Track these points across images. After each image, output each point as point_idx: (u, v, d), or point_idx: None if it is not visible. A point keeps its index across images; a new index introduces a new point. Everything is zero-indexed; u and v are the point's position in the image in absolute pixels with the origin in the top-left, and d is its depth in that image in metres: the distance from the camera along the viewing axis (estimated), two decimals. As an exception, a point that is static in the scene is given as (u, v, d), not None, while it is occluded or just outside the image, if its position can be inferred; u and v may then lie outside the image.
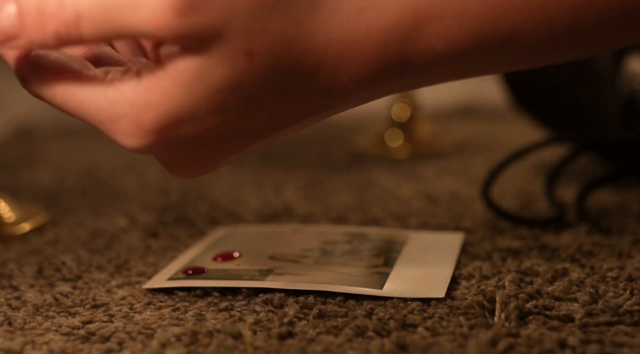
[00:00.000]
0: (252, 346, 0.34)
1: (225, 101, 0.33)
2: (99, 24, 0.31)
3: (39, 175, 0.73)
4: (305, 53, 0.32)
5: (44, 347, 0.35)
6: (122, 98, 0.33)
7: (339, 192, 0.62)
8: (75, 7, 0.31)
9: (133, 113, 0.33)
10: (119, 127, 0.33)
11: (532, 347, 0.33)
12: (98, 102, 0.34)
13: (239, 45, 0.32)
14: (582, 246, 0.46)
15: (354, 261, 0.44)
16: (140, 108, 0.33)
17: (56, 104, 0.36)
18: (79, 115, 0.35)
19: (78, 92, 0.34)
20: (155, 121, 0.33)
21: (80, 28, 0.32)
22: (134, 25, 0.31)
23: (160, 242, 0.50)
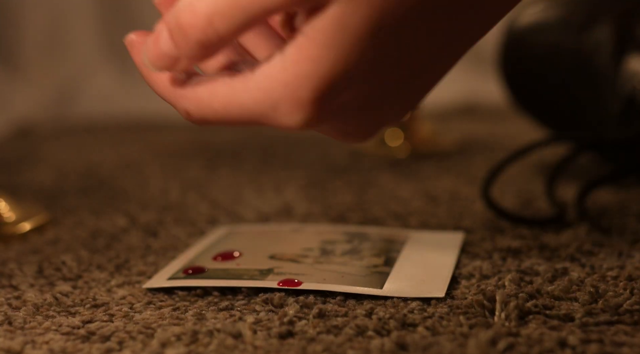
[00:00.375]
0: (252, 346, 0.34)
1: (373, 46, 0.32)
2: (231, 16, 0.32)
3: (39, 175, 0.73)
4: None
5: (44, 346, 0.35)
6: (274, 82, 0.33)
7: (339, 192, 0.62)
8: (205, 8, 0.32)
9: (289, 91, 0.33)
10: (280, 111, 0.33)
11: (532, 346, 0.33)
12: (254, 97, 0.34)
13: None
14: (582, 246, 0.46)
15: (354, 260, 0.44)
16: (293, 83, 0.33)
17: (220, 119, 0.35)
18: (242, 118, 0.35)
19: (234, 97, 0.34)
20: (311, 91, 0.33)
21: (215, 27, 0.32)
22: (261, 3, 0.31)
23: (160, 242, 0.50)
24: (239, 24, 0.32)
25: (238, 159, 0.77)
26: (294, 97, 0.33)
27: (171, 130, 0.97)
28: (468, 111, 0.99)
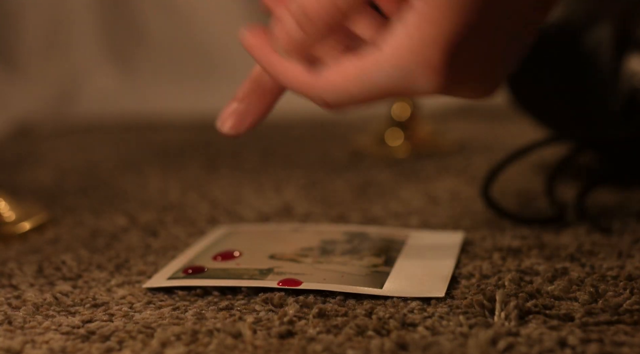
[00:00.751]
0: (252, 345, 0.34)
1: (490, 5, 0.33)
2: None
3: (39, 174, 0.73)
4: None
5: (44, 346, 0.35)
6: (402, 51, 0.34)
7: (339, 192, 0.62)
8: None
9: (418, 57, 0.34)
10: (414, 79, 0.34)
11: (532, 346, 0.33)
12: (386, 70, 0.35)
13: None
14: (582, 245, 0.46)
15: (354, 260, 0.44)
16: (421, 48, 0.34)
17: (357, 100, 0.37)
18: (378, 94, 0.36)
19: (367, 76, 0.35)
20: (439, 52, 0.34)
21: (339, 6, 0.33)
22: None
23: (160, 242, 0.50)
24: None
25: (238, 158, 0.77)
26: (424, 62, 0.34)
27: (171, 130, 0.97)
28: (468, 111, 0.99)
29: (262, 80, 0.43)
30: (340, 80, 0.36)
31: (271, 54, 0.39)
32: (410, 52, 0.34)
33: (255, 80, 0.43)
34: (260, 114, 0.43)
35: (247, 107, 0.42)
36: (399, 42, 0.34)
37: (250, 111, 0.43)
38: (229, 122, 0.42)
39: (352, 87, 0.36)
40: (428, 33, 0.34)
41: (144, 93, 1.13)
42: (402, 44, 0.34)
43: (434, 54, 0.34)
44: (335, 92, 0.37)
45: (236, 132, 0.42)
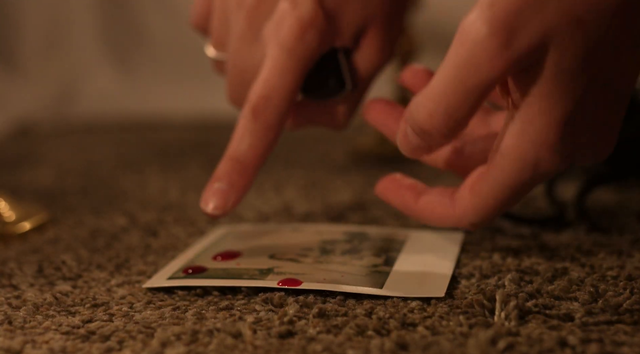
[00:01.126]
0: (252, 345, 0.34)
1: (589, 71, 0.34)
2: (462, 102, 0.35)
3: (39, 174, 0.73)
4: None
5: (44, 346, 0.35)
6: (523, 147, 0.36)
7: (339, 192, 0.62)
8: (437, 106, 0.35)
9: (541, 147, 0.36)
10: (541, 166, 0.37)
11: (532, 346, 0.33)
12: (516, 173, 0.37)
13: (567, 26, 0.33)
14: (582, 245, 0.46)
15: (353, 260, 0.44)
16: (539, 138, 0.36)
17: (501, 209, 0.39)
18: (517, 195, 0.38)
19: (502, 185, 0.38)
20: (556, 135, 0.35)
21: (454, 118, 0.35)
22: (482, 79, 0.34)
23: (160, 241, 0.50)
24: (471, 105, 0.35)
25: (238, 158, 0.77)
26: (545, 149, 0.36)
27: (171, 129, 0.98)
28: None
29: (240, 158, 0.45)
30: (479, 201, 0.39)
31: (406, 198, 0.42)
32: (530, 145, 0.36)
33: (233, 158, 0.45)
34: (243, 190, 0.45)
35: (229, 187, 0.44)
36: (517, 141, 0.36)
37: (233, 189, 0.44)
38: (212, 203, 0.44)
39: (492, 203, 0.38)
40: (542, 123, 0.35)
41: (144, 93, 1.13)
42: (522, 142, 0.36)
43: (552, 139, 0.35)
44: (477, 214, 0.39)
45: (222, 212, 0.44)
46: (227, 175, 0.45)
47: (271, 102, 0.45)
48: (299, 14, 0.45)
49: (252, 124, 0.45)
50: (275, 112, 0.45)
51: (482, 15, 0.33)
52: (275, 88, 0.45)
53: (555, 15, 0.33)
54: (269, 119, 0.45)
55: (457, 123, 0.35)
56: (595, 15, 0.33)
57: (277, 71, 0.45)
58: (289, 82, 0.45)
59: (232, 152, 0.45)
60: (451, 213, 0.40)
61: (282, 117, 0.45)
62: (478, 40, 0.33)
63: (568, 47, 0.34)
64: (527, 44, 0.33)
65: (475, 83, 0.34)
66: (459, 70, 0.34)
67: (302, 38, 0.45)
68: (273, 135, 0.45)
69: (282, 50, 0.45)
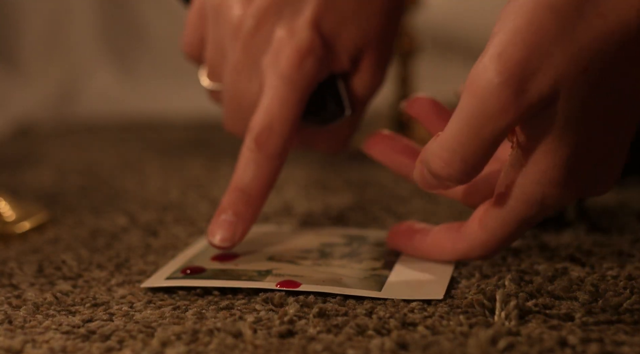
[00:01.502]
0: (253, 345, 0.34)
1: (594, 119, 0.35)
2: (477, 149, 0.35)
3: (39, 174, 0.73)
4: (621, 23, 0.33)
5: (45, 345, 0.35)
6: (528, 187, 0.37)
7: (339, 191, 0.62)
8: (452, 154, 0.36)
9: (544, 186, 0.36)
10: (549, 203, 0.37)
11: (532, 346, 0.33)
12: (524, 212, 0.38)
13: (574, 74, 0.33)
14: (582, 245, 0.46)
15: (352, 263, 0.44)
16: (543, 178, 0.36)
17: (509, 242, 0.40)
18: (524, 229, 0.39)
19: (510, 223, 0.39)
20: (562, 173, 0.36)
21: (469, 163, 0.36)
22: (495, 126, 0.34)
23: (161, 241, 0.50)
24: (486, 153, 0.35)
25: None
26: (550, 187, 0.36)
27: (171, 129, 0.97)
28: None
29: (246, 188, 0.45)
30: (486, 236, 0.39)
31: (412, 241, 0.43)
32: (537, 184, 0.36)
33: (238, 189, 0.45)
34: (251, 221, 0.45)
35: (236, 218, 0.45)
36: (523, 180, 0.37)
37: (239, 220, 0.45)
38: (219, 235, 0.44)
39: (500, 237, 0.39)
40: (547, 163, 0.36)
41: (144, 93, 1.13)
42: (527, 181, 0.37)
43: (557, 177, 0.36)
44: (485, 248, 0.40)
45: (230, 244, 0.44)
46: (233, 206, 0.45)
47: (274, 133, 0.45)
48: (296, 42, 0.45)
49: (255, 154, 0.45)
50: (278, 142, 0.45)
51: (492, 66, 0.34)
52: (276, 118, 0.45)
53: (562, 64, 0.33)
54: (272, 149, 0.45)
55: (473, 169, 0.36)
56: (599, 63, 0.33)
57: (277, 101, 0.45)
58: (290, 111, 0.45)
59: (236, 183, 0.45)
60: (459, 247, 0.41)
61: (286, 146, 0.46)
62: (490, 91, 0.34)
63: (575, 94, 0.34)
64: (539, 92, 0.34)
65: (489, 132, 0.35)
66: (473, 120, 0.35)
67: (301, 67, 0.45)
68: (277, 164, 0.46)
69: (281, 81, 0.45)
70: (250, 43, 0.46)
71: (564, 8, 0.33)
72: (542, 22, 0.33)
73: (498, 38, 0.34)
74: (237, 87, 0.47)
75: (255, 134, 0.45)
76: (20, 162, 0.79)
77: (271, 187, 0.46)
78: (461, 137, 0.35)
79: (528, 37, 0.33)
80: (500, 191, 0.38)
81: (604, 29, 0.33)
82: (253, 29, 0.46)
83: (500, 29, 0.34)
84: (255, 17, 0.46)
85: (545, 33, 0.33)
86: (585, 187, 0.37)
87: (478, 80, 0.34)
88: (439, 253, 0.42)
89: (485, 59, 0.34)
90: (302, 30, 0.45)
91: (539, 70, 0.34)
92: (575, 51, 0.33)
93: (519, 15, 0.34)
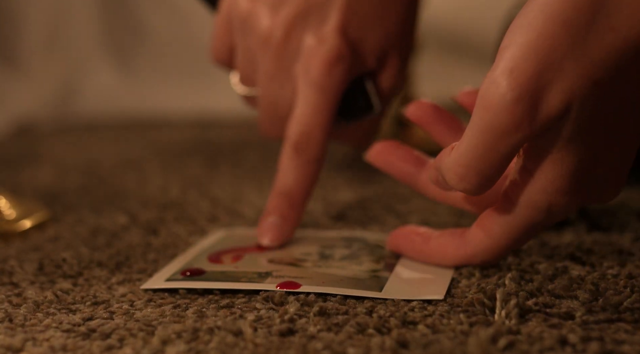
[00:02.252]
0: (253, 343, 0.34)
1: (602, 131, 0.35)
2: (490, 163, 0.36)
3: (40, 172, 0.73)
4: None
5: (45, 344, 0.35)
6: (536, 196, 0.37)
7: (339, 190, 0.62)
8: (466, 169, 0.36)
9: (554, 195, 0.37)
10: (554, 213, 0.38)
11: (532, 344, 0.33)
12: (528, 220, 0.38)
13: (585, 88, 0.34)
14: (582, 244, 0.46)
15: (353, 265, 0.44)
16: (551, 187, 0.36)
17: (512, 249, 0.40)
18: (529, 237, 0.40)
19: (514, 229, 0.39)
20: (570, 182, 0.36)
21: (484, 175, 0.36)
22: (507, 146, 0.35)
23: (161, 240, 0.50)
24: (500, 166, 0.36)
25: (238, 156, 0.77)
26: (557, 195, 0.37)
27: (171, 128, 0.98)
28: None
29: (288, 192, 0.47)
30: (491, 242, 0.40)
31: (416, 243, 0.43)
32: (543, 192, 0.37)
33: (281, 193, 0.48)
34: (296, 222, 0.48)
35: (282, 220, 0.47)
36: (530, 188, 0.37)
37: (285, 222, 0.47)
38: (268, 236, 0.47)
39: (504, 243, 0.39)
40: (555, 173, 0.36)
41: (144, 91, 1.13)
42: (534, 189, 0.37)
43: (564, 186, 0.36)
44: (489, 253, 0.40)
45: (279, 243, 0.47)
46: (278, 209, 0.47)
47: (311, 139, 0.47)
48: (325, 50, 0.47)
49: (295, 160, 0.47)
50: (315, 147, 0.47)
51: (504, 81, 0.34)
52: (311, 126, 0.47)
53: (574, 78, 0.33)
54: (310, 155, 0.47)
55: (488, 181, 0.36)
56: (610, 76, 0.33)
57: (311, 109, 0.47)
58: (324, 118, 0.47)
59: (279, 188, 0.48)
60: (463, 253, 0.41)
61: (323, 149, 0.48)
62: (503, 106, 0.34)
63: (585, 108, 0.34)
64: (552, 107, 0.34)
65: (503, 147, 0.35)
66: (487, 135, 0.35)
67: (331, 74, 0.47)
68: (316, 167, 0.48)
69: (313, 88, 0.47)
70: (280, 52, 0.48)
71: (575, 22, 0.33)
72: (553, 36, 0.33)
73: (509, 52, 0.34)
74: (271, 94, 0.49)
75: (293, 142, 0.47)
76: (21, 161, 0.79)
77: (312, 189, 0.48)
78: (475, 152, 0.35)
79: (540, 51, 0.33)
80: (506, 198, 0.38)
81: (616, 42, 0.33)
82: (282, 39, 0.47)
83: (510, 43, 0.34)
84: (283, 28, 0.47)
85: (557, 47, 0.33)
86: (592, 195, 0.37)
87: (490, 96, 0.34)
88: (441, 258, 0.42)
89: (497, 74, 0.34)
90: (330, 37, 0.47)
91: (551, 85, 0.34)
92: (586, 65, 0.33)
93: (531, 28, 0.34)
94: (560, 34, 0.33)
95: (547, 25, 0.33)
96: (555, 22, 0.33)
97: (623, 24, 0.33)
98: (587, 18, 0.33)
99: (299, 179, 0.47)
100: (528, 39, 0.34)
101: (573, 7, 0.33)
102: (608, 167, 0.37)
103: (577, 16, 0.33)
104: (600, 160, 0.36)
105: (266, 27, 0.48)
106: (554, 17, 0.33)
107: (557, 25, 0.33)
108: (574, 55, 0.33)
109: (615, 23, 0.33)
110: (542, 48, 0.33)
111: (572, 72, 0.33)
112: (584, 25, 0.33)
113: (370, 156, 0.46)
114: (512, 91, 0.34)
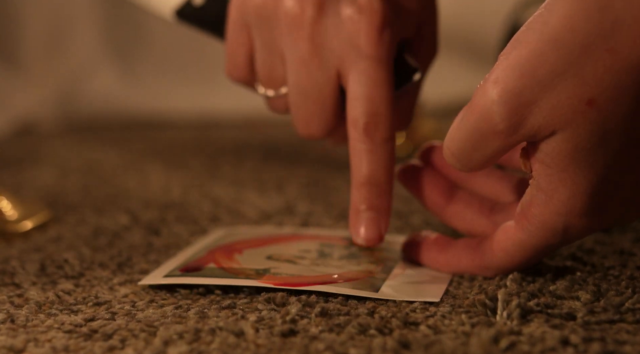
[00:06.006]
0: (255, 344, 0.34)
1: (608, 149, 0.35)
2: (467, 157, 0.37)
3: (42, 173, 0.73)
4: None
5: (47, 344, 0.35)
6: (548, 216, 0.37)
7: (340, 190, 0.62)
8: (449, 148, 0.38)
9: (565, 216, 0.36)
10: (570, 233, 0.37)
11: (534, 345, 0.33)
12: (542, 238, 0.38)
13: (578, 107, 0.34)
14: (583, 244, 0.46)
15: (351, 265, 0.43)
16: (564, 208, 0.36)
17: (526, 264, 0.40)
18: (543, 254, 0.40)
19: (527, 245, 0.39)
20: (585, 203, 0.36)
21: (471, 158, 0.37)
22: (488, 150, 0.36)
23: (162, 240, 0.50)
24: (480, 163, 0.37)
25: (240, 157, 0.77)
26: (573, 217, 0.36)
27: (173, 128, 0.98)
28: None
29: (371, 180, 0.44)
30: (506, 258, 0.39)
31: (432, 254, 0.43)
32: (556, 215, 0.37)
33: (364, 184, 0.44)
34: (387, 210, 0.45)
35: (374, 212, 0.44)
36: (544, 210, 0.37)
37: (377, 213, 0.44)
38: (364, 234, 0.44)
39: (518, 260, 0.39)
40: (566, 193, 0.36)
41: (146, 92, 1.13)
42: (548, 211, 0.37)
43: (579, 207, 0.36)
44: (502, 268, 0.40)
45: (378, 240, 0.44)
46: (366, 201, 0.44)
47: (381, 117, 0.44)
48: (370, 16, 0.44)
49: (369, 145, 0.44)
50: (387, 124, 0.44)
51: (493, 90, 0.35)
52: (377, 101, 0.44)
53: (564, 98, 0.34)
54: (384, 132, 0.44)
55: (474, 170, 0.38)
56: (608, 95, 0.33)
57: (373, 83, 0.44)
58: (388, 90, 0.44)
59: (360, 178, 0.44)
60: (477, 264, 0.41)
61: (394, 125, 0.45)
62: (487, 112, 0.35)
63: (581, 125, 0.34)
64: (536, 123, 0.34)
65: (483, 149, 0.36)
66: (470, 134, 0.36)
67: (381, 41, 0.44)
68: (391, 146, 0.45)
69: (368, 61, 0.44)
70: (315, 31, 0.44)
71: (568, 44, 0.33)
72: (543, 56, 0.34)
73: (502, 63, 0.35)
74: (307, 82, 0.45)
75: (362, 125, 0.44)
76: (23, 161, 0.79)
77: (393, 171, 0.45)
78: (459, 145, 0.37)
79: (527, 68, 0.34)
80: (522, 217, 0.38)
81: (615, 64, 0.33)
82: (316, 16, 0.44)
83: (506, 55, 0.35)
84: (314, 4, 0.44)
85: (546, 66, 0.34)
86: (612, 216, 0.37)
87: (479, 99, 0.35)
88: (456, 267, 0.42)
89: (489, 81, 0.35)
90: (370, 2, 0.44)
91: (538, 101, 0.34)
92: (577, 85, 0.33)
93: (524, 45, 0.34)
94: (551, 54, 0.34)
95: (539, 45, 0.34)
96: (547, 43, 0.34)
97: (624, 46, 0.33)
98: (582, 41, 0.33)
99: (380, 162, 0.44)
100: (519, 54, 0.34)
101: (570, 29, 0.33)
102: (629, 190, 0.36)
103: (571, 38, 0.33)
104: (615, 180, 0.36)
105: (293, 7, 0.44)
106: (547, 38, 0.34)
107: (549, 45, 0.34)
108: (564, 75, 0.34)
109: (614, 45, 0.33)
110: (530, 65, 0.34)
111: (562, 92, 0.34)
112: (577, 48, 0.33)
113: (400, 176, 0.45)
114: (497, 100, 0.35)
